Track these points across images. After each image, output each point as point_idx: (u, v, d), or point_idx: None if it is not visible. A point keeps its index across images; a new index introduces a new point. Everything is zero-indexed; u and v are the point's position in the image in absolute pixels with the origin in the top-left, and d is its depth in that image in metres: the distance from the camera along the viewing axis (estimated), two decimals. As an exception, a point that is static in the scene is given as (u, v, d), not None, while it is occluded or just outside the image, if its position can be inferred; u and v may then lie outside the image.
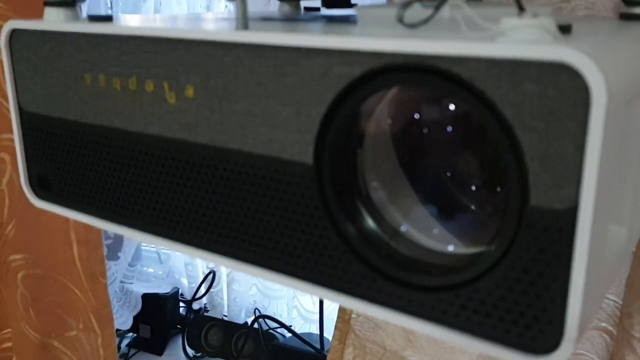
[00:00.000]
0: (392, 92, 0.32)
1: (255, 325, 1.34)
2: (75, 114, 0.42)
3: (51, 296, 1.22)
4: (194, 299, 1.46)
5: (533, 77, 0.25)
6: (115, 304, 1.40)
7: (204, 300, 1.49)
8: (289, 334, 1.32)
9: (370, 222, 0.33)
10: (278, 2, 0.63)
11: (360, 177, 0.33)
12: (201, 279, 1.45)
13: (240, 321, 1.41)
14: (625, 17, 0.44)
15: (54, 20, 0.43)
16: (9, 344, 1.33)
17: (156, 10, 1.38)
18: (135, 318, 1.44)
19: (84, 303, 1.23)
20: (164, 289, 1.48)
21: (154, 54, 0.37)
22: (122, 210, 0.42)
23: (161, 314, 1.45)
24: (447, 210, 0.33)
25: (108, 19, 0.42)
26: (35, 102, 0.45)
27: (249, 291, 1.41)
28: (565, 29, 0.30)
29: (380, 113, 0.32)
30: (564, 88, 0.24)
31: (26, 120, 0.46)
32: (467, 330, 0.29)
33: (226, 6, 1.28)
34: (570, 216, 0.25)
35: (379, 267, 0.31)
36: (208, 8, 1.33)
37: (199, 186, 0.37)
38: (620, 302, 0.68)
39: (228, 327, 1.37)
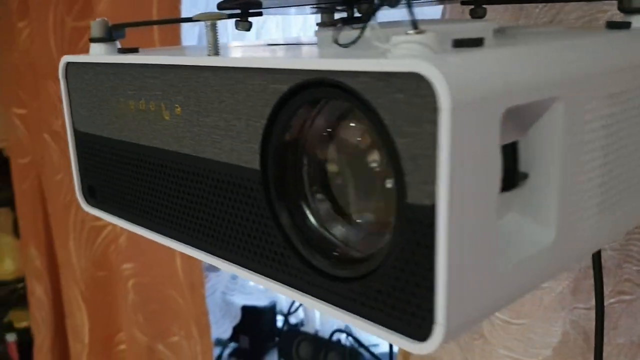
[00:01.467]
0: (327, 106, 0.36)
1: (338, 341, 1.38)
2: (107, 132, 0.50)
3: (157, 303, 1.34)
4: (289, 312, 1.53)
5: (402, 87, 0.28)
6: (217, 314, 1.50)
7: (301, 314, 1.55)
8: (376, 352, 1.35)
9: (310, 221, 0.37)
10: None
11: (305, 183, 0.37)
12: (296, 295, 1.51)
13: (333, 337, 1.46)
14: (611, 25, 0.45)
15: (95, 53, 0.51)
16: (123, 347, 1.47)
17: (258, 36, 1.48)
18: (235, 328, 1.53)
19: (185, 311, 1.33)
20: (263, 301, 1.56)
21: (153, 79, 0.43)
22: (140, 213, 0.49)
23: (259, 326, 1.53)
24: (360, 209, 0.36)
25: (134, 50, 0.50)
26: (83, 122, 0.53)
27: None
28: (472, 42, 0.32)
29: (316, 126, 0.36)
30: (423, 96, 0.27)
31: (78, 138, 0.55)
32: (369, 317, 0.32)
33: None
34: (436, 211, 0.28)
35: (310, 261, 0.35)
36: (304, 30, 1.41)
37: (187, 191, 0.43)
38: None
39: (317, 342, 1.42)
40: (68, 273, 1.45)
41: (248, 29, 0.50)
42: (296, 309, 1.52)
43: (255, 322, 1.53)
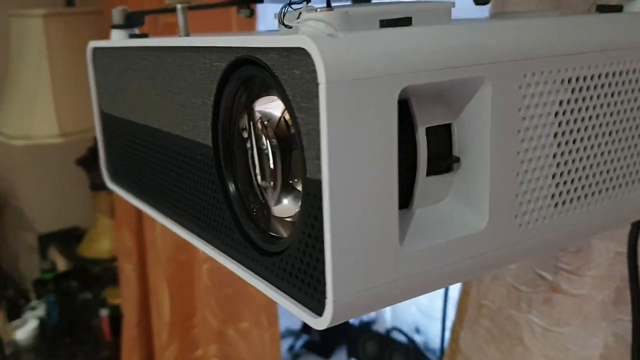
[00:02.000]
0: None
1: (406, 342, 1.36)
2: (119, 112, 0.54)
3: (229, 289, 1.39)
4: (360, 309, 1.53)
5: (298, 64, 0.29)
6: (288, 305, 1.53)
7: (373, 312, 1.55)
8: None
9: (254, 197, 0.38)
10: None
11: (250, 161, 0.38)
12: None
13: (402, 337, 1.44)
14: (601, 9, 0.42)
15: (114, 39, 0.55)
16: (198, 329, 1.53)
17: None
18: (307, 321, 1.56)
19: (255, 299, 1.37)
20: (335, 297, 1.57)
21: (143, 61, 0.46)
22: (141, 189, 0.52)
23: (330, 320, 1.54)
24: (286, 188, 0.36)
25: (144, 36, 0.53)
26: (105, 103, 0.57)
27: (409, 309, 1.44)
28: (399, 22, 0.32)
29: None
30: (311, 71, 0.27)
31: (102, 118, 0.59)
32: (287, 292, 0.33)
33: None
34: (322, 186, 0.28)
35: (249, 234, 0.36)
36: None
37: (168, 167, 0.45)
38: None
39: (383, 341, 1.41)
40: (154, 255, 1.53)
41: (250, 16, 0.52)
42: (365, 306, 1.52)
43: (326, 315, 1.55)
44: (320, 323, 0.30)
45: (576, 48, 0.34)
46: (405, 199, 0.33)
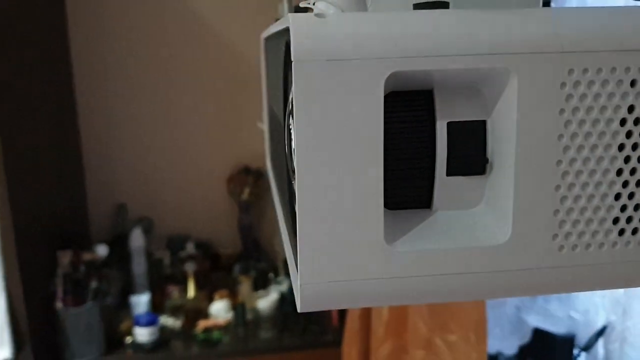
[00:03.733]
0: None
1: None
2: (270, 99, 0.58)
3: (440, 297, 1.37)
4: (585, 348, 1.38)
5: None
6: (505, 327, 1.45)
7: (601, 354, 1.39)
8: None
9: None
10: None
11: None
12: (597, 329, 1.36)
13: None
14: None
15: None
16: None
17: None
18: (523, 348, 1.46)
19: (466, 314, 1.33)
20: (559, 328, 1.44)
21: (272, 48, 0.49)
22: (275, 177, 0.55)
23: (551, 354, 1.42)
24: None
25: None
26: (268, 93, 0.62)
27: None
28: (433, 5, 0.30)
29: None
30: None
31: (268, 108, 0.64)
32: (298, 270, 0.33)
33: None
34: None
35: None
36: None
37: (278, 147, 0.48)
38: None
39: (602, 387, 1.25)
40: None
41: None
42: (588, 346, 1.36)
43: (546, 348, 1.43)
44: (298, 305, 0.30)
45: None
46: (428, 198, 0.31)
